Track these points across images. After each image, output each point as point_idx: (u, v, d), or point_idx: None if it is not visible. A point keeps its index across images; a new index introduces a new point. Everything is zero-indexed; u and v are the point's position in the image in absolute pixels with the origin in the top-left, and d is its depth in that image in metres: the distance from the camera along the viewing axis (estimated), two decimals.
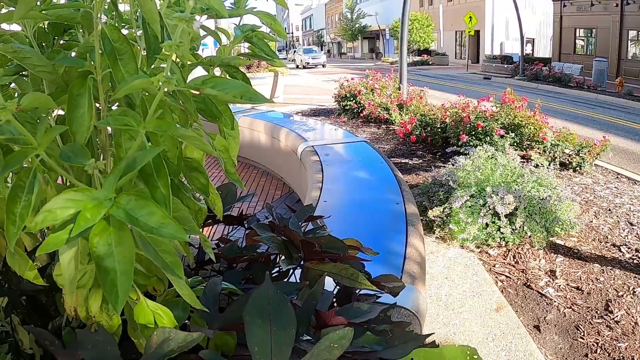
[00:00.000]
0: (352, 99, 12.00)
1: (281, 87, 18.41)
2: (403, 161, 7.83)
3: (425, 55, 49.19)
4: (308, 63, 50.71)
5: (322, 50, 68.36)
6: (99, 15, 0.91)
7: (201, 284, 1.17)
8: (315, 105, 15.57)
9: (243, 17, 1.29)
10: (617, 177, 7.74)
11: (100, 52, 0.92)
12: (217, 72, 1.17)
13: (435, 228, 5.14)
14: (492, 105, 8.04)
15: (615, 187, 7.16)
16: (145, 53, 0.95)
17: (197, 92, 0.95)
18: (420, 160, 7.86)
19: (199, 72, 1.09)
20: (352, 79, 12.98)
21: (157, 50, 0.92)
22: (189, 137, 0.87)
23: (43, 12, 0.98)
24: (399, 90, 12.08)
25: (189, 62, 1.10)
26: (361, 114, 11.42)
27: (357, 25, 71.77)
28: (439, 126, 8.39)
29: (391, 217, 3.27)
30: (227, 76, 1.13)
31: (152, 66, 0.97)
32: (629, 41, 32.20)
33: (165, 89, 0.81)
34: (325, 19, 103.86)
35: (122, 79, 0.89)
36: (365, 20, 70.56)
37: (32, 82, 1.08)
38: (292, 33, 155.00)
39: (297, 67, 51.56)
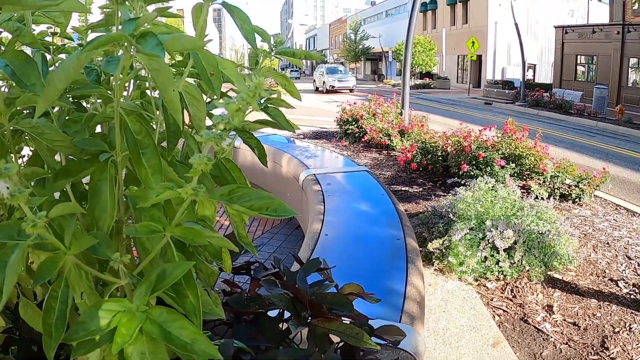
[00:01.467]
0: (354, 123, 12.07)
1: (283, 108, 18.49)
2: (403, 189, 7.88)
3: (427, 79, 49.33)
4: (333, 87, 39.81)
5: (348, 70, 53.29)
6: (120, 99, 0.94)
7: (211, 338, 1.21)
8: (318, 128, 15.66)
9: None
10: (616, 209, 7.79)
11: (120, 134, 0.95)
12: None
13: (434, 260, 5.18)
14: (494, 135, 8.10)
15: (614, 220, 7.20)
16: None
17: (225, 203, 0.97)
18: (421, 189, 7.91)
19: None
20: (354, 103, 13.05)
21: (177, 135, 0.98)
22: (213, 237, 0.91)
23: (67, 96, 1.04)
24: (401, 115, 12.17)
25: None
26: (363, 139, 11.48)
27: (360, 47, 72.18)
28: (440, 154, 8.45)
29: (392, 253, 3.32)
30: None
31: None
32: (630, 68, 32.42)
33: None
34: (329, 39, 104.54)
35: (146, 177, 0.93)
36: (369, 42, 70.99)
37: (48, 150, 1.10)
38: None
39: (317, 89, 42.32)
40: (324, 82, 41.29)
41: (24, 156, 1.25)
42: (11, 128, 1.03)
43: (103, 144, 1.01)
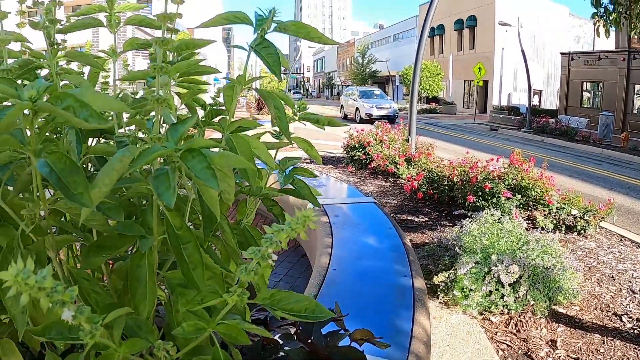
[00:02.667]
0: (361, 149, 12.16)
1: (290, 131, 18.61)
2: (409, 218, 7.94)
3: (434, 104, 49.45)
4: (370, 115, 30.90)
5: (387, 95, 44.99)
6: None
7: None
8: (324, 152, 15.76)
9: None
10: (621, 240, 7.82)
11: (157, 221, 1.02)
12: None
13: (439, 293, 5.23)
14: (500, 166, 8.17)
15: (618, 252, 7.24)
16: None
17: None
18: (427, 218, 7.96)
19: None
20: (361, 130, 13.15)
21: (213, 222, 1.05)
22: (250, 327, 0.98)
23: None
24: (408, 142, 12.25)
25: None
26: (369, 166, 11.55)
27: (367, 70, 72.59)
28: (446, 184, 8.51)
29: (399, 291, 3.39)
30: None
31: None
32: (635, 95, 32.52)
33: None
34: (337, 61, 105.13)
35: (188, 272, 0.98)
36: (376, 66, 71.42)
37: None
38: (303, 74, 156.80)
39: (346, 117, 34.54)
40: (356, 109, 32.95)
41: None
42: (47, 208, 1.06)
43: (141, 229, 1.06)
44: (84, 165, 1.25)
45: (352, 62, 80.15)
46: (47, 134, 1.14)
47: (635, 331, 5.02)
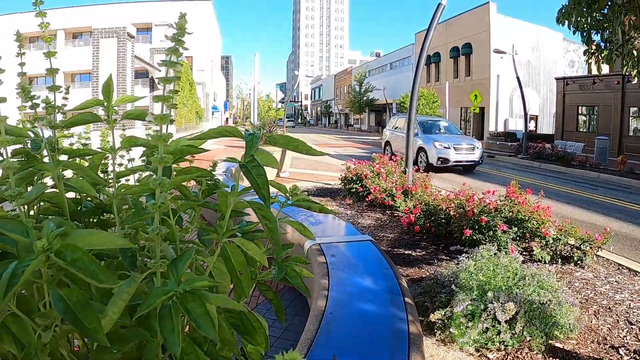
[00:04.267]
0: (358, 182, 12.24)
1: (289, 161, 18.76)
2: (406, 252, 7.99)
3: None
4: (446, 160, 21.04)
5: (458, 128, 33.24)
6: None
7: None
8: (322, 184, 15.87)
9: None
10: (618, 269, 7.86)
11: None
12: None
13: (436, 330, 5.27)
14: (496, 199, 8.24)
15: (615, 282, 7.28)
16: None
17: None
18: (424, 252, 8.02)
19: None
20: (359, 162, 13.26)
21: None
22: None
23: None
24: (405, 174, 12.35)
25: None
26: (367, 198, 11.62)
27: (365, 98, 73.17)
28: (442, 217, 8.57)
29: (395, 335, 3.45)
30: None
31: None
32: (630, 117, 32.78)
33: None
34: (334, 89, 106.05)
35: None
36: (373, 94, 72.03)
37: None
38: (301, 102, 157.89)
39: (393, 155, 17.13)
40: (420, 151, 21.86)
41: None
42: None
43: (146, 334, 1.13)
44: None
45: (350, 90, 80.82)
46: None
47: None
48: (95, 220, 1.57)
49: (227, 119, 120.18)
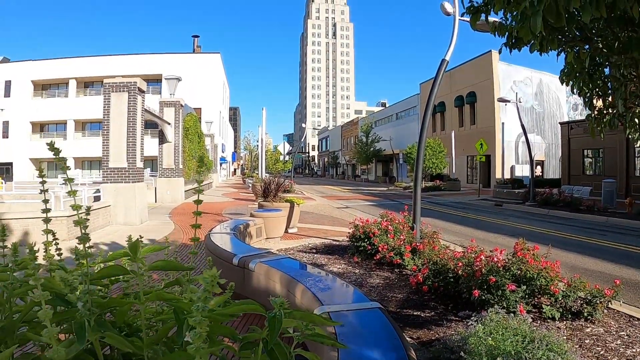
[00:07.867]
0: (366, 240, 12.25)
1: (297, 217, 18.85)
2: (415, 313, 7.97)
3: (438, 181, 49.69)
4: None
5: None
6: None
7: None
8: (330, 240, 15.91)
9: None
10: (629, 321, 7.78)
11: None
12: None
13: None
14: (504, 258, 8.25)
15: (627, 335, 7.22)
16: None
17: None
18: (433, 313, 8.00)
19: None
20: (367, 220, 13.31)
21: None
22: None
23: None
24: (412, 229, 12.38)
25: None
26: (375, 257, 11.62)
27: (371, 149, 73.68)
28: (451, 276, 8.57)
29: None
30: None
31: None
32: (636, 158, 32.84)
33: None
34: (341, 140, 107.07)
35: None
36: (380, 144, 72.58)
37: None
38: (308, 153, 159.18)
39: None
40: None
41: None
42: None
43: None
44: None
45: (356, 142, 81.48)
46: None
47: None
48: None
49: (234, 169, 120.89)
